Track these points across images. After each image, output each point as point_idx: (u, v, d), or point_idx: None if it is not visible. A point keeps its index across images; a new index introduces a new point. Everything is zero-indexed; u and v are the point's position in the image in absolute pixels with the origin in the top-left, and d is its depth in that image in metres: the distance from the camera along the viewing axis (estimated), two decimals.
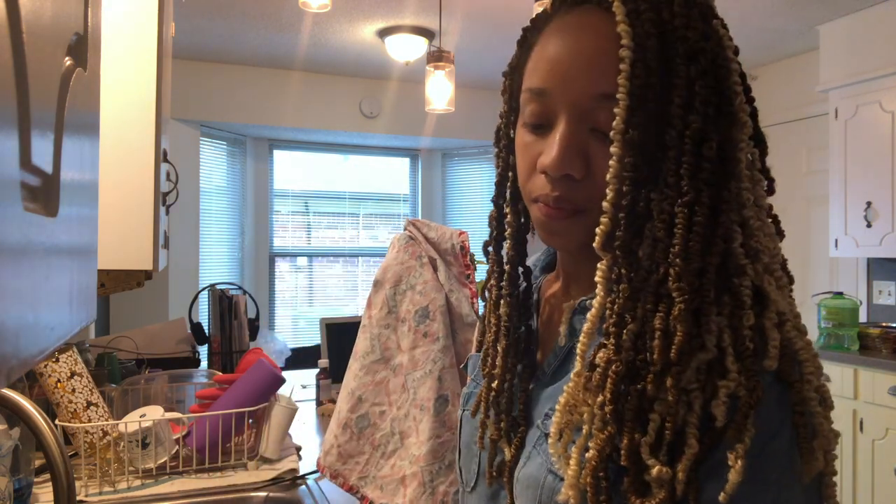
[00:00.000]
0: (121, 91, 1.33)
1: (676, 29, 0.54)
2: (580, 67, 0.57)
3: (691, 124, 0.53)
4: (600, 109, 0.56)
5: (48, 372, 1.41)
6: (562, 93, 0.58)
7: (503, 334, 0.67)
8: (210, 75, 4.23)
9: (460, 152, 5.29)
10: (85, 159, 0.45)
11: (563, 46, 0.59)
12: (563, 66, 0.58)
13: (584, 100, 0.57)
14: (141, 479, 1.42)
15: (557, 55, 0.59)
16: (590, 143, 0.58)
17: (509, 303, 0.68)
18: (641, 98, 0.53)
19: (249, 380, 1.55)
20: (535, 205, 0.61)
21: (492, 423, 0.67)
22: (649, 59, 0.53)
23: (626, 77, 0.53)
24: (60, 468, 0.77)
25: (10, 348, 0.27)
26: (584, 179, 0.58)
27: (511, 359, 0.67)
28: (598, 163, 0.57)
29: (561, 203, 0.59)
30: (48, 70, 0.33)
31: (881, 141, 3.21)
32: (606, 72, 0.55)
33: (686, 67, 0.53)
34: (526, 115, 0.62)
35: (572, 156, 0.57)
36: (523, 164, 0.63)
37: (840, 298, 3.23)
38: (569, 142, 0.57)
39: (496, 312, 0.69)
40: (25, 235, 0.29)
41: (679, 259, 0.51)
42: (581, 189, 0.58)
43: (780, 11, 3.34)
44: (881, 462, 2.90)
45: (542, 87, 0.59)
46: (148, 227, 1.35)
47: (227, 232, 4.66)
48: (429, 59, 3.00)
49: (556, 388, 0.63)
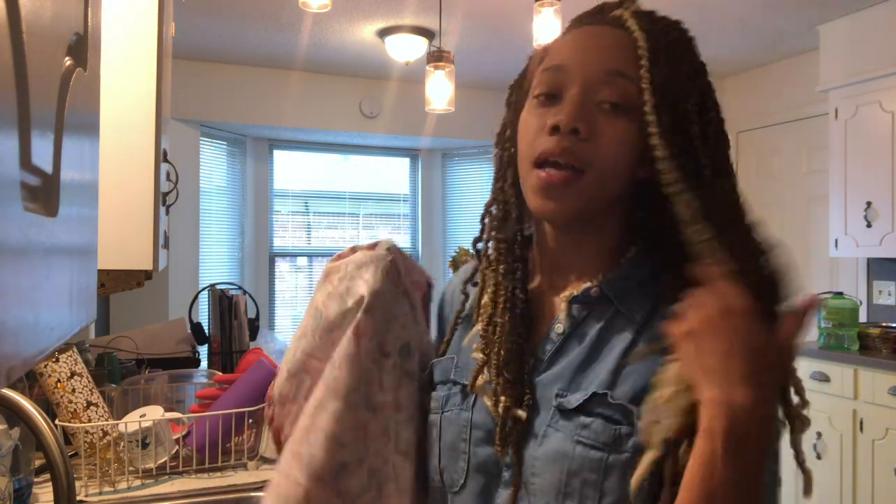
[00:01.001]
0: (121, 91, 1.33)
1: (678, 49, 0.66)
2: (595, 48, 0.67)
3: (711, 122, 0.65)
4: (609, 84, 0.65)
5: (48, 372, 1.41)
6: (576, 65, 0.67)
7: (507, 308, 0.70)
8: (210, 75, 4.23)
9: (460, 152, 5.29)
10: (85, 159, 0.45)
11: (581, 34, 0.69)
12: (580, 46, 0.68)
13: (597, 73, 0.66)
14: (141, 479, 1.42)
15: (575, 39, 0.69)
16: (596, 113, 0.66)
17: (515, 279, 0.72)
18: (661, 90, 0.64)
19: (249, 380, 1.55)
20: (536, 170, 0.67)
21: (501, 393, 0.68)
22: (662, 60, 0.64)
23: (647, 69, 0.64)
24: (60, 468, 0.77)
25: (10, 348, 0.27)
26: (588, 141, 0.65)
27: (519, 328, 0.70)
28: (602, 131, 0.65)
29: (566, 157, 0.65)
30: (48, 70, 0.33)
31: (881, 141, 3.20)
32: (619, 55, 0.66)
33: (693, 80, 0.65)
34: (538, 88, 0.68)
35: (581, 115, 0.65)
36: (530, 132, 0.68)
37: (840, 298, 3.23)
38: (580, 103, 0.65)
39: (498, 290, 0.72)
40: (25, 235, 0.29)
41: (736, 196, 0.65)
42: (584, 148, 0.65)
43: (780, 11, 3.34)
44: (881, 462, 2.90)
45: (559, 63, 0.68)
46: (148, 227, 1.35)
47: (227, 232, 4.66)
48: (429, 59, 3.00)
49: (558, 372, 0.68)
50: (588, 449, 0.63)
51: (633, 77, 0.65)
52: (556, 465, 0.64)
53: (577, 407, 0.64)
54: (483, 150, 5.19)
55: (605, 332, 0.68)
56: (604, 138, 0.65)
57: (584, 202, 0.66)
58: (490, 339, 0.71)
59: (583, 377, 0.66)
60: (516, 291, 0.71)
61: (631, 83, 0.65)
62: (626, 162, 0.66)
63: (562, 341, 0.69)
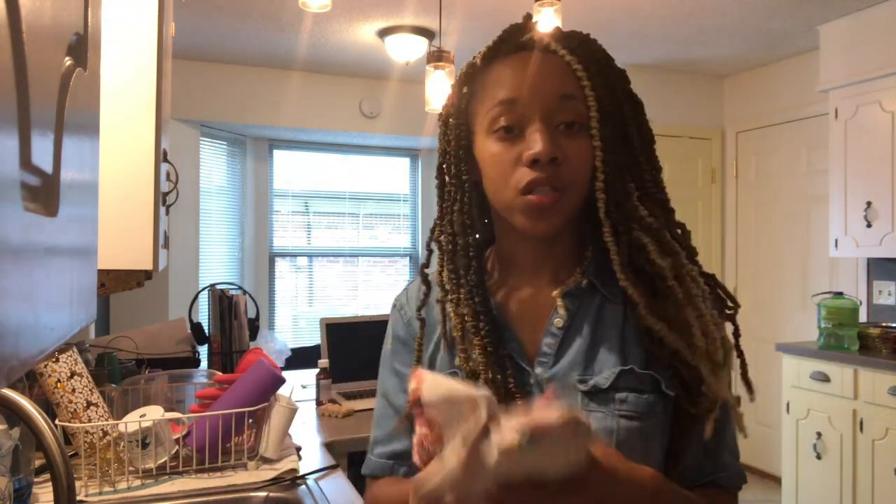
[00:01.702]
0: (121, 91, 1.33)
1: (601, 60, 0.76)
2: (544, 76, 0.74)
3: (643, 124, 0.77)
4: (563, 108, 0.73)
5: (48, 372, 1.41)
6: (531, 97, 0.73)
7: (471, 332, 0.75)
8: (210, 75, 4.23)
9: None
10: (85, 159, 0.45)
11: (522, 66, 0.75)
12: (528, 79, 0.74)
13: (550, 100, 0.73)
14: (141, 479, 1.42)
15: (520, 71, 0.74)
16: (558, 137, 0.73)
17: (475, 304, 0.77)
18: (601, 103, 0.73)
19: (249, 380, 1.55)
20: (524, 197, 0.73)
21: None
22: (595, 76, 0.74)
23: (591, 87, 0.73)
24: (60, 468, 0.77)
25: (10, 348, 0.27)
26: (563, 164, 0.72)
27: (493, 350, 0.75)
28: (568, 153, 0.73)
29: (552, 183, 0.72)
30: (48, 70, 0.33)
31: (881, 141, 3.20)
32: (564, 79, 0.74)
33: (622, 84, 0.76)
34: (499, 122, 0.74)
35: (553, 143, 0.72)
36: (500, 168, 0.75)
37: (840, 298, 3.23)
38: (548, 132, 0.72)
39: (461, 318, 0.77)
40: (25, 235, 0.29)
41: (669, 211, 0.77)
42: (561, 171, 0.72)
43: (780, 11, 3.34)
44: (881, 462, 2.90)
45: (512, 96, 0.74)
46: (148, 227, 1.35)
47: (227, 232, 4.66)
48: (429, 59, 3.00)
49: (571, 361, 0.75)
50: (630, 421, 0.71)
51: (579, 97, 0.73)
52: (605, 442, 0.69)
53: (609, 386, 0.72)
54: None
55: (599, 317, 0.77)
56: (572, 159, 0.73)
57: (566, 217, 0.75)
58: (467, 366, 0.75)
59: (595, 360, 0.74)
60: (481, 318, 0.75)
61: (578, 102, 0.73)
62: (589, 173, 0.75)
63: (564, 333, 0.76)
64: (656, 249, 0.72)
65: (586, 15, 3.30)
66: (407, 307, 0.89)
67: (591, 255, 0.80)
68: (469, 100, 0.79)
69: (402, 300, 0.91)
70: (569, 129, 0.73)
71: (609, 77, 0.75)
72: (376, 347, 1.01)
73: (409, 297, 0.90)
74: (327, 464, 1.61)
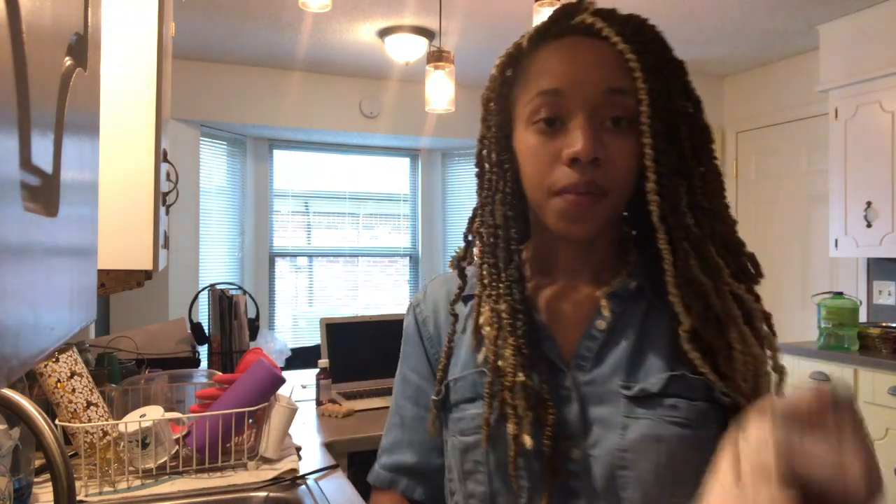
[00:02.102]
0: (121, 91, 1.33)
1: (657, 49, 0.69)
2: (590, 68, 0.67)
3: (699, 120, 0.70)
4: (610, 104, 0.67)
5: (48, 372, 1.41)
6: (575, 90, 0.67)
7: (507, 330, 0.69)
8: (210, 75, 4.23)
9: (460, 152, 5.29)
10: (85, 159, 0.45)
11: (569, 56, 0.68)
12: (573, 69, 0.67)
13: (597, 95, 0.67)
14: (141, 479, 1.42)
15: (566, 63, 0.68)
16: (602, 134, 0.67)
17: (514, 301, 0.71)
18: (653, 96, 0.66)
19: (249, 380, 1.55)
20: (559, 197, 0.68)
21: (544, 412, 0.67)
22: (649, 67, 0.67)
23: (643, 80, 0.66)
24: (60, 468, 0.77)
25: (10, 348, 0.26)
26: (606, 165, 0.66)
27: (528, 350, 0.69)
28: (612, 151, 0.67)
29: (590, 187, 0.66)
30: (48, 70, 0.33)
31: (881, 141, 3.20)
32: (613, 72, 0.67)
33: (678, 77, 0.69)
34: (540, 114, 0.69)
35: (596, 142, 0.66)
36: (537, 163, 0.69)
37: (840, 298, 3.23)
38: (591, 131, 0.66)
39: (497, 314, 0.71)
40: (25, 235, 0.29)
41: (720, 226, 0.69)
42: (603, 172, 0.66)
43: (780, 11, 3.34)
44: (881, 462, 2.89)
45: (555, 87, 0.68)
46: (148, 227, 1.35)
47: (227, 232, 4.66)
48: (429, 59, 3.00)
49: (613, 365, 0.69)
50: (681, 428, 0.65)
51: (629, 90, 0.67)
52: (653, 450, 0.65)
53: (658, 391, 0.66)
54: None
55: (645, 321, 0.71)
56: (617, 158, 0.67)
57: (606, 220, 0.69)
58: (495, 365, 0.70)
59: (641, 366, 0.69)
60: (518, 316, 0.70)
61: (628, 97, 0.67)
62: (634, 173, 0.69)
63: (606, 336, 0.71)
64: (697, 265, 0.66)
65: None
66: (423, 304, 0.85)
67: (634, 257, 0.75)
68: (512, 84, 0.73)
69: (418, 298, 0.87)
70: (616, 125, 0.67)
71: (664, 69, 0.68)
72: (376, 347, 1.01)
73: (427, 294, 0.86)
74: (327, 464, 1.61)
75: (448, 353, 0.77)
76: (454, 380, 0.76)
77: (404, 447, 0.83)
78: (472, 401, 0.73)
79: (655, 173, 0.66)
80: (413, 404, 0.83)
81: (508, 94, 0.74)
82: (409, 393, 0.84)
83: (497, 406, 0.69)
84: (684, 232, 0.66)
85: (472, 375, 0.74)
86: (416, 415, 0.83)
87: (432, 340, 0.83)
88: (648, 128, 0.66)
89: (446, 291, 0.82)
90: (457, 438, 0.73)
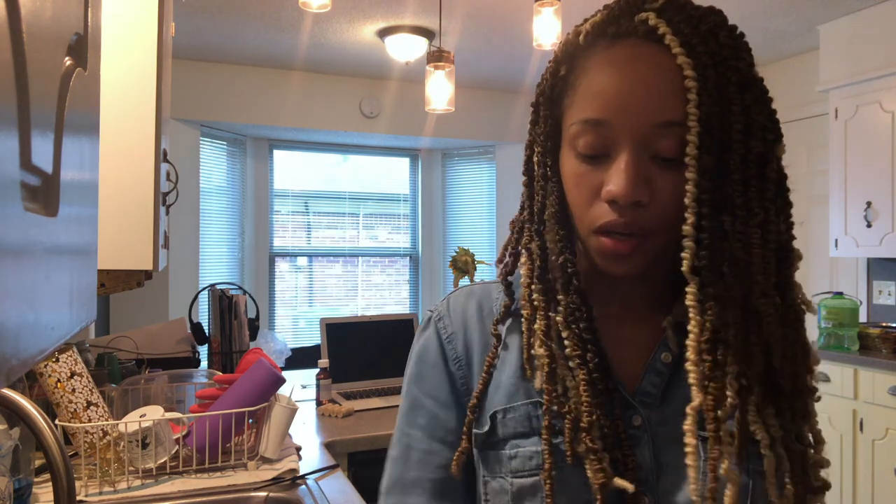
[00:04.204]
0: (121, 91, 1.33)
1: (727, 59, 0.58)
2: (641, 97, 0.58)
3: (753, 149, 0.58)
4: (662, 137, 0.58)
5: (48, 372, 1.41)
6: (623, 122, 0.59)
7: (576, 362, 0.62)
8: (210, 75, 4.23)
9: (460, 152, 5.29)
10: (85, 159, 0.45)
11: (620, 77, 0.59)
12: (622, 97, 0.59)
13: (647, 128, 0.58)
14: (141, 479, 1.42)
15: (615, 86, 0.59)
16: (651, 169, 0.59)
17: (581, 329, 0.63)
18: (708, 125, 0.56)
19: (249, 380, 1.55)
20: (599, 236, 0.61)
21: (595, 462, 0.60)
22: (710, 87, 0.56)
23: (696, 105, 0.56)
24: (60, 468, 0.77)
25: (10, 348, 0.26)
26: (650, 206, 0.59)
27: (600, 385, 0.61)
28: (660, 188, 0.59)
29: (632, 228, 0.59)
30: (48, 70, 0.33)
31: (881, 141, 3.20)
32: (667, 100, 0.58)
33: (741, 95, 0.58)
34: (580, 146, 0.61)
35: (640, 182, 0.58)
36: (578, 194, 0.62)
37: (840, 298, 3.23)
38: (636, 169, 0.58)
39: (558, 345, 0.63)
40: (25, 235, 0.29)
41: (759, 276, 0.58)
42: (647, 214, 0.59)
43: (780, 11, 3.34)
44: (881, 462, 2.90)
45: (600, 118, 0.60)
46: (148, 227, 1.35)
47: (227, 232, 4.66)
48: (429, 59, 3.00)
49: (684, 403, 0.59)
50: (759, 477, 0.59)
51: (682, 121, 0.58)
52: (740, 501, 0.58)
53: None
54: (483, 150, 5.19)
55: None
56: (664, 197, 0.59)
57: (652, 259, 0.62)
58: (558, 398, 0.62)
59: None
60: (588, 346, 0.62)
61: (681, 128, 0.58)
62: (683, 206, 0.59)
63: (672, 370, 0.64)
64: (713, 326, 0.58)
65: (586, 15, 3.29)
66: (447, 319, 0.73)
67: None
68: (563, 89, 0.64)
69: (440, 311, 0.75)
70: (668, 159, 0.59)
71: (729, 87, 0.57)
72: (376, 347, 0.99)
73: (450, 308, 0.74)
74: (327, 464, 1.61)
75: (486, 380, 0.68)
76: (501, 411, 0.66)
77: (410, 487, 0.70)
78: (527, 436, 0.64)
79: (695, 215, 0.57)
80: (425, 436, 0.71)
81: (559, 100, 0.65)
82: (420, 422, 0.71)
83: (563, 446, 0.61)
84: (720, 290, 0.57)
85: (526, 408, 0.65)
86: (428, 449, 0.70)
87: (459, 362, 0.71)
88: (695, 162, 0.57)
89: (476, 306, 0.73)
90: (507, 480, 0.64)
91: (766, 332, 0.58)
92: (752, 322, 0.58)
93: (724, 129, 0.57)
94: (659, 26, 0.58)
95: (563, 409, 0.61)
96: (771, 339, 0.58)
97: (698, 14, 0.59)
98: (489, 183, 5.19)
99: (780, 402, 0.59)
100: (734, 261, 0.57)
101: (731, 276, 0.57)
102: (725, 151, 0.58)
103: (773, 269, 0.59)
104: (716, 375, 0.57)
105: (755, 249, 0.58)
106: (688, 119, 0.57)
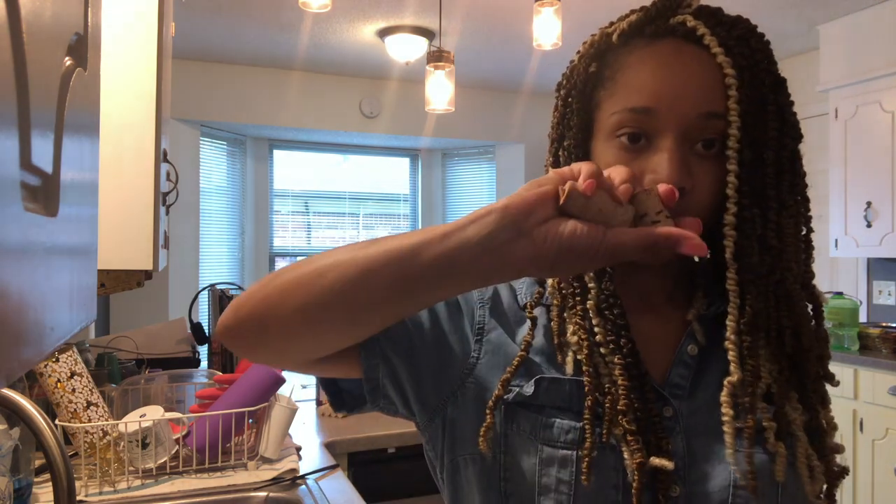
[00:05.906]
0: (121, 91, 1.33)
1: (759, 62, 0.62)
2: (688, 87, 0.61)
3: (787, 146, 0.62)
4: (703, 128, 0.61)
5: (48, 372, 1.41)
6: (669, 110, 0.61)
7: (611, 348, 0.63)
8: (210, 75, 4.23)
9: (460, 152, 5.29)
10: (85, 159, 0.45)
11: (667, 69, 0.62)
12: (670, 87, 0.62)
13: (691, 118, 0.61)
14: (141, 479, 1.42)
15: (662, 77, 0.62)
16: (691, 157, 0.62)
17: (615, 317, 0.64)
18: (745, 121, 0.61)
19: (249, 380, 1.55)
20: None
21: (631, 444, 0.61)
22: (747, 86, 0.61)
23: (736, 101, 0.60)
24: (60, 468, 0.77)
25: (10, 348, 0.26)
26: (690, 193, 0.61)
27: (634, 370, 0.63)
28: (700, 177, 0.62)
29: (673, 215, 0.60)
30: (48, 70, 0.33)
31: (881, 141, 3.21)
32: (711, 93, 0.61)
33: (775, 96, 0.62)
34: (621, 129, 0.63)
35: (683, 169, 0.61)
36: None
37: (840, 298, 3.23)
38: (680, 156, 0.61)
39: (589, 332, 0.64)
40: (25, 235, 0.29)
41: (793, 263, 0.63)
42: (686, 203, 0.61)
43: (780, 11, 3.34)
44: (881, 462, 2.90)
45: (648, 105, 0.62)
46: (148, 227, 1.35)
47: (227, 232, 4.66)
48: (429, 59, 3.00)
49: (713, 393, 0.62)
50: (791, 466, 0.62)
51: (724, 114, 0.61)
52: (770, 488, 0.61)
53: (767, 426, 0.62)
54: (483, 150, 5.19)
55: None
56: (704, 186, 0.62)
57: None
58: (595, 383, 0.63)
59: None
60: (622, 333, 0.63)
61: (722, 121, 0.61)
62: (718, 199, 0.63)
63: (698, 362, 0.66)
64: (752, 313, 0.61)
65: (586, 15, 3.30)
66: (485, 290, 0.72)
67: (701, 278, 0.70)
68: (596, 85, 0.66)
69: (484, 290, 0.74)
70: (707, 149, 0.62)
71: (763, 86, 0.61)
72: None
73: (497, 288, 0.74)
74: (327, 464, 1.61)
75: (523, 358, 0.68)
76: (548, 379, 0.66)
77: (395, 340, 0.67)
78: (563, 411, 0.65)
79: (737, 205, 0.61)
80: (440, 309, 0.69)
81: (592, 94, 0.66)
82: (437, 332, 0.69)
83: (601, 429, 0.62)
84: (756, 275, 0.61)
85: (571, 385, 0.65)
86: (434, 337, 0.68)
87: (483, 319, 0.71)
88: (737, 155, 0.60)
89: (508, 288, 0.73)
90: (534, 443, 0.65)
91: (797, 317, 0.63)
92: (784, 306, 0.62)
93: (758, 126, 0.61)
94: (698, 28, 0.62)
95: (600, 392, 0.63)
96: (801, 323, 0.63)
97: (730, 20, 0.63)
98: (489, 183, 5.19)
99: (804, 385, 0.66)
100: (769, 249, 0.61)
101: (767, 264, 0.61)
102: (760, 147, 0.61)
103: (802, 258, 0.64)
104: (753, 354, 0.61)
105: (789, 239, 0.62)
106: (728, 114, 0.60)
